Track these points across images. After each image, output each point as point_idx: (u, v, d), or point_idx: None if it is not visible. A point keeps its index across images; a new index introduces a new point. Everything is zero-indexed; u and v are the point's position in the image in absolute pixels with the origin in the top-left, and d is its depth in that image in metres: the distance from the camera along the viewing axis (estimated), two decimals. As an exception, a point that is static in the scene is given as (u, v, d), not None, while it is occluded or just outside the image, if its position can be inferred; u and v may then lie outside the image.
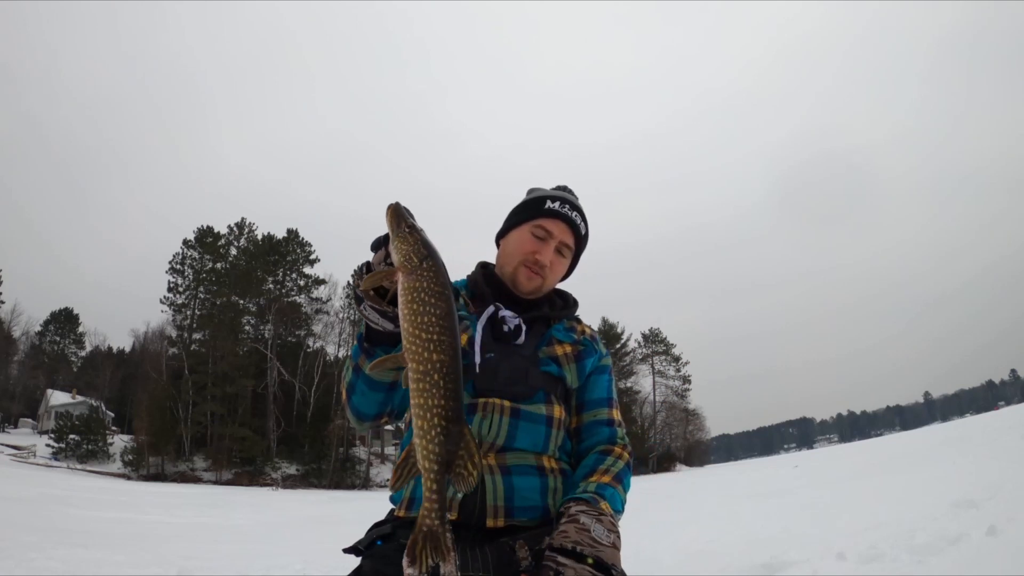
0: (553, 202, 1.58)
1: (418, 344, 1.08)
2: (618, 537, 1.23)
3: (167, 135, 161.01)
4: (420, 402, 1.06)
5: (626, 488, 1.42)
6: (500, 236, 1.68)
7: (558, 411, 1.48)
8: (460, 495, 1.32)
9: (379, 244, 1.24)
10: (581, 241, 1.63)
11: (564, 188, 1.70)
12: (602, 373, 1.60)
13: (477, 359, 1.44)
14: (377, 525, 1.44)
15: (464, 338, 1.46)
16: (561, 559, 1.14)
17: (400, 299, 1.12)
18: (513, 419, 1.40)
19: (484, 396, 1.42)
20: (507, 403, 1.41)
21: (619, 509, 1.36)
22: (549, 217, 1.56)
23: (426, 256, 1.12)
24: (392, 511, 1.46)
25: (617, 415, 1.58)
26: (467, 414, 1.39)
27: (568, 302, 1.68)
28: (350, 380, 1.43)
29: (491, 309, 1.52)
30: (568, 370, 1.52)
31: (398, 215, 1.18)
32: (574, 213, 1.59)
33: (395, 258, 1.15)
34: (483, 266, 1.68)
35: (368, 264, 1.27)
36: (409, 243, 1.14)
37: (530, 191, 1.69)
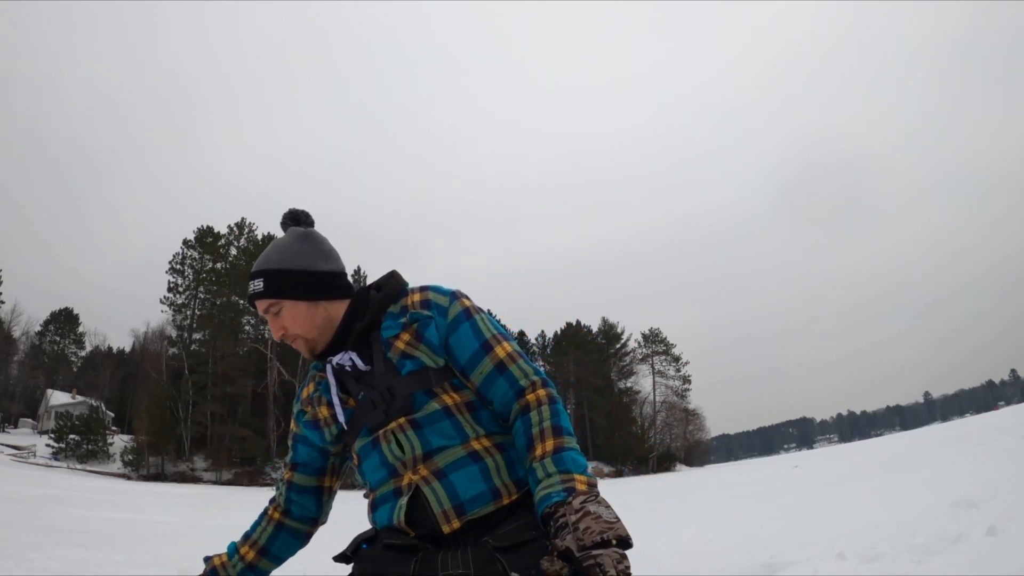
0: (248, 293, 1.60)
1: None
2: (612, 507, 1.21)
3: (168, 137, 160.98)
4: None
5: (569, 431, 1.34)
6: None
7: (449, 398, 1.41)
8: (403, 516, 1.31)
9: None
10: (276, 290, 1.50)
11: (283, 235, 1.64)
12: (456, 327, 1.44)
13: (339, 416, 1.45)
14: (361, 534, 1.46)
15: (324, 410, 1.51)
16: (594, 552, 1.13)
17: None
18: (416, 430, 1.37)
19: (379, 428, 1.40)
20: (402, 420, 1.38)
21: (585, 466, 1.29)
22: (254, 307, 1.58)
23: None
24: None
25: (502, 352, 1.41)
26: (374, 448, 1.40)
27: (382, 287, 1.56)
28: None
29: (328, 367, 1.51)
30: (421, 354, 1.42)
31: None
32: (252, 284, 1.54)
33: None
34: None
35: None
36: None
37: None
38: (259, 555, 1.59)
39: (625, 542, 1.16)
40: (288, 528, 1.60)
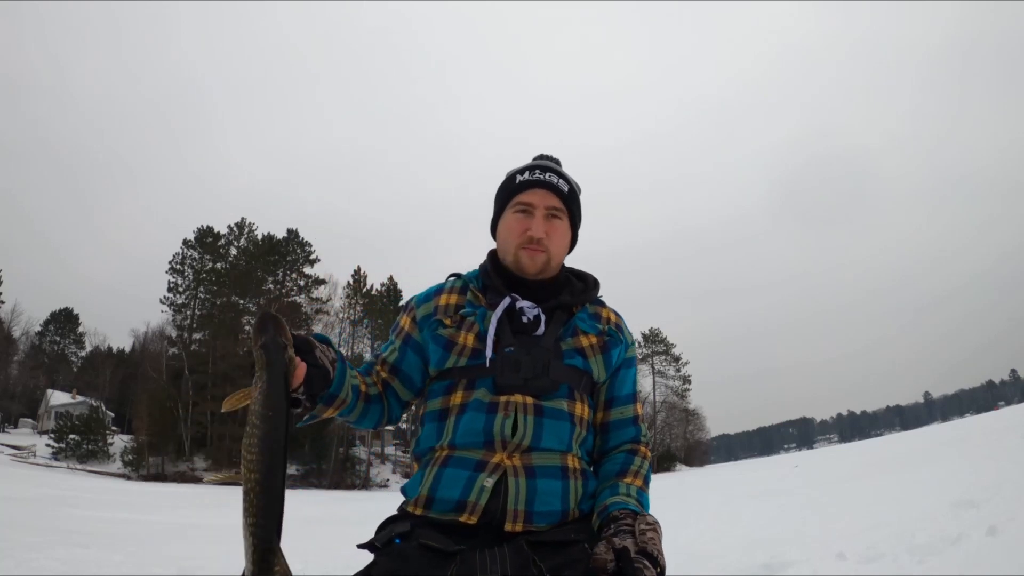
0: (523, 173, 1.49)
1: (245, 465, 1.12)
2: None
3: (168, 137, 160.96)
4: (243, 521, 1.09)
5: (649, 487, 1.44)
6: (493, 228, 1.57)
7: (579, 408, 1.41)
8: (484, 500, 1.27)
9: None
10: (571, 201, 1.49)
11: (541, 156, 1.59)
12: (630, 367, 1.53)
13: (489, 353, 1.37)
14: (392, 521, 1.36)
15: (471, 337, 1.41)
16: (647, 562, 1.17)
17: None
18: (537, 417, 1.34)
19: (506, 393, 1.35)
20: (529, 400, 1.34)
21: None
22: (525, 189, 1.46)
23: (261, 379, 1.16)
24: (404, 505, 1.38)
25: (639, 408, 1.54)
26: (487, 413, 1.34)
27: (588, 284, 1.55)
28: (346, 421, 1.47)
29: (507, 300, 1.42)
30: (594, 363, 1.43)
31: (257, 331, 1.20)
32: (548, 175, 1.46)
33: None
34: (493, 255, 1.56)
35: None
36: (259, 365, 1.17)
37: (507, 173, 1.58)
38: (362, 395, 1.45)
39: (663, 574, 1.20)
40: (382, 410, 1.51)
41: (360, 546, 1.36)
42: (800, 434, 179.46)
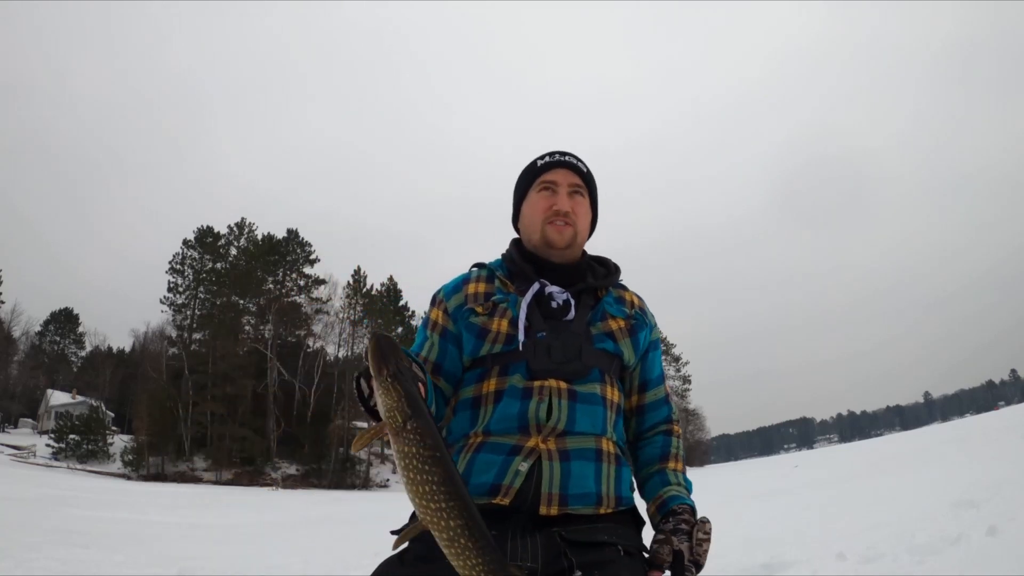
0: (543, 157, 1.55)
1: (431, 514, 1.05)
2: None
3: (169, 140, 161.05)
4: (459, 564, 1.04)
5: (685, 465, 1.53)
6: (515, 218, 1.61)
7: (611, 392, 1.44)
8: (518, 484, 1.29)
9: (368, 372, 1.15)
10: (590, 180, 1.55)
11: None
12: (656, 349, 1.57)
13: (521, 337, 1.38)
14: None
15: (504, 324, 1.42)
16: (696, 570, 1.25)
17: (396, 460, 1.08)
18: (571, 402, 1.36)
19: (539, 378, 1.36)
20: (563, 385, 1.36)
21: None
22: (548, 170, 1.51)
23: (410, 416, 1.05)
24: None
25: (667, 388, 1.60)
26: (521, 399, 1.36)
27: (610, 268, 1.59)
28: None
29: (536, 286, 1.44)
30: (624, 346, 1.47)
31: (380, 357, 1.07)
32: (568, 156, 1.53)
33: (380, 408, 1.08)
34: (517, 243, 1.59)
35: (363, 377, 1.17)
36: (392, 398, 1.06)
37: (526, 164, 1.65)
38: None
39: None
40: (435, 412, 1.47)
41: (393, 532, 1.38)
42: (800, 434, 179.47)
